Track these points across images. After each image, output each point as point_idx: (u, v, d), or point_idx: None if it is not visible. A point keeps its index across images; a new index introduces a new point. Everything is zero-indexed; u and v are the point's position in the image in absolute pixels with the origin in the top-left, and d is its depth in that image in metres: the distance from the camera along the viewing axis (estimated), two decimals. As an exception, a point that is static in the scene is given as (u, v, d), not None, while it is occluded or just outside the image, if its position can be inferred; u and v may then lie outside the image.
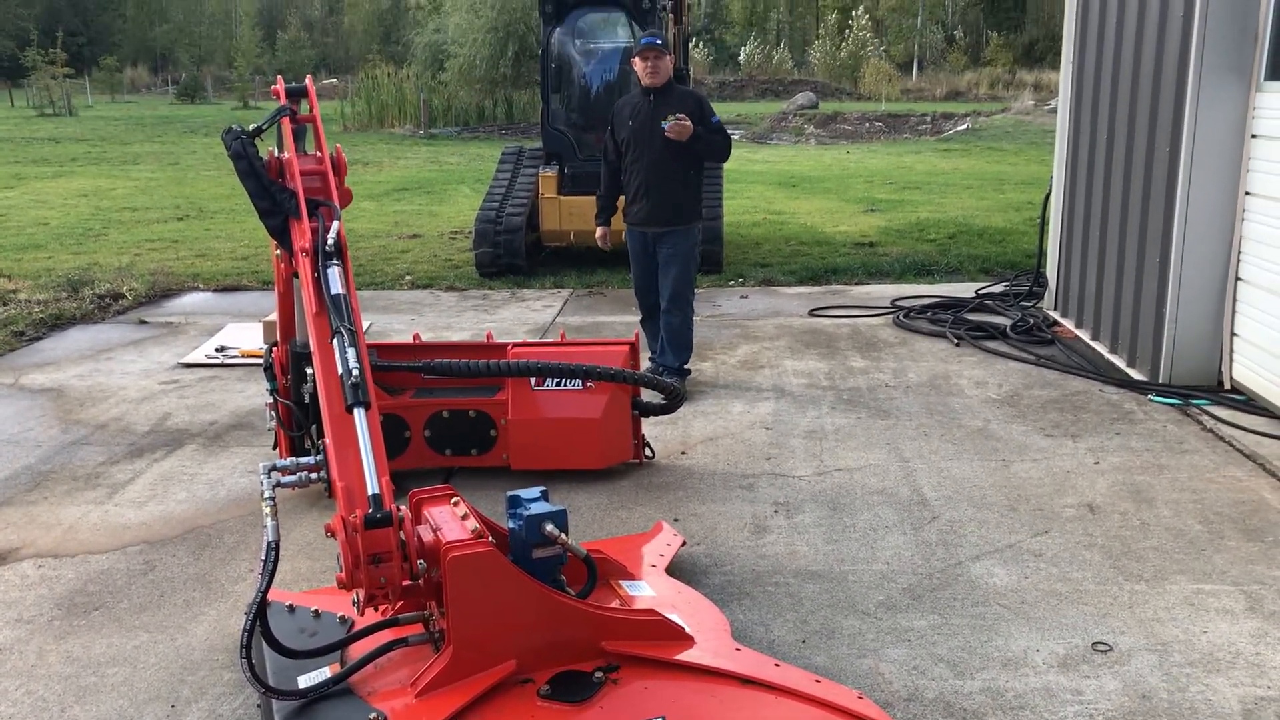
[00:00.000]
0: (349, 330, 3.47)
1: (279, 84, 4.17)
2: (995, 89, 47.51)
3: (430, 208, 15.43)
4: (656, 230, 6.47)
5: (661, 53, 6.28)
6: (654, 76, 6.30)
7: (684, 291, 6.53)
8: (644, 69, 6.30)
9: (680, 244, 6.46)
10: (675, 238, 6.45)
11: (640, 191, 6.45)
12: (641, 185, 6.44)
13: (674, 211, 6.42)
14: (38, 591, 4.17)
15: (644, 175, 6.40)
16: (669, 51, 6.39)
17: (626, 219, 6.61)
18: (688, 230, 6.49)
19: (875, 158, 23.04)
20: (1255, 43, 5.88)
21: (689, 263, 6.53)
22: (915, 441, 5.65)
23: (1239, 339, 6.18)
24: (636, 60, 6.36)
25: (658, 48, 6.27)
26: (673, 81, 6.46)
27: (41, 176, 19.57)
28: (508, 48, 32.15)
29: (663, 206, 6.40)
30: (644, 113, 6.35)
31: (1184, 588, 4.04)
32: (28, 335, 8.17)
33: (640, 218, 6.50)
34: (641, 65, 6.31)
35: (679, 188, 6.40)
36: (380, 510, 3.03)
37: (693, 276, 6.62)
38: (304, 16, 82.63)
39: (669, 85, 6.39)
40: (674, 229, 6.44)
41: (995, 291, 9.19)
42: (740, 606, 3.94)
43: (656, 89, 6.34)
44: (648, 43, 6.31)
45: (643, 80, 6.37)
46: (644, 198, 6.44)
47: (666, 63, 6.32)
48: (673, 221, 6.43)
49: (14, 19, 63.42)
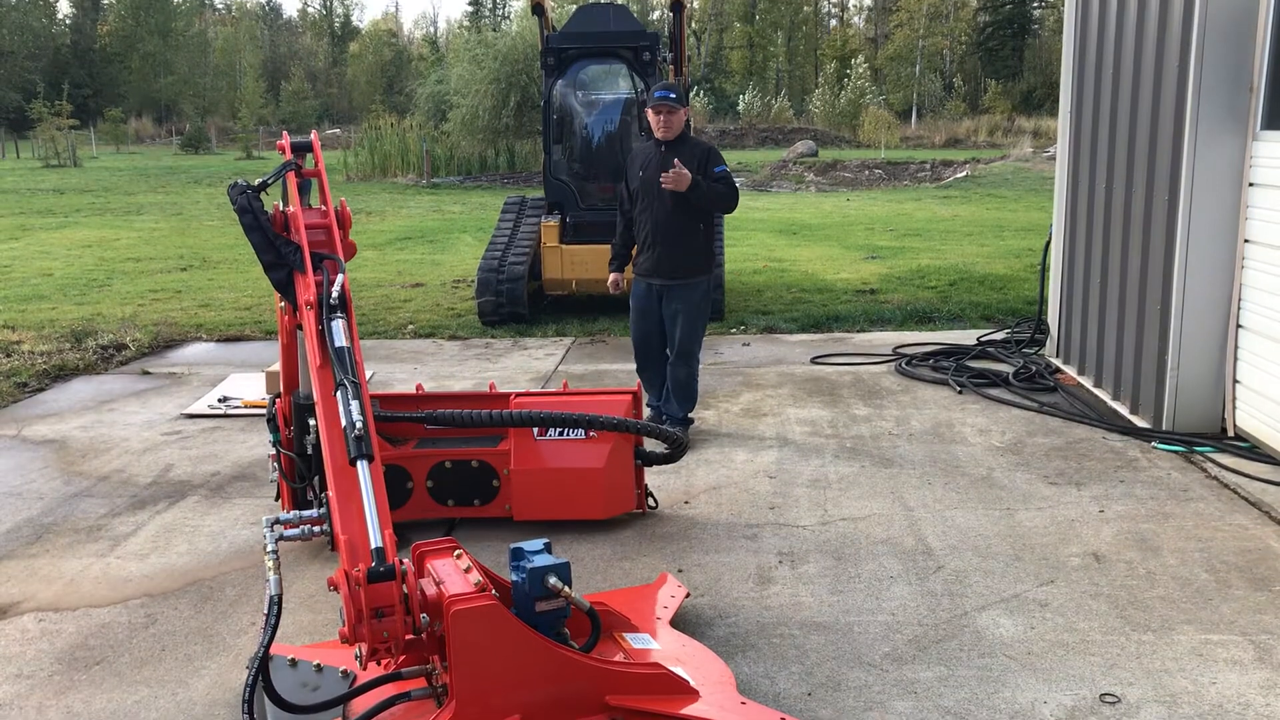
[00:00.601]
0: (353, 383, 3.48)
1: (284, 139, 4.21)
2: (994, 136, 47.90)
3: (433, 257, 15.50)
4: (663, 282, 6.47)
5: (675, 107, 6.27)
6: (667, 130, 6.31)
7: (690, 346, 6.52)
8: (657, 123, 6.32)
9: (688, 298, 6.46)
10: (683, 291, 6.45)
11: (648, 242, 6.47)
12: (649, 236, 6.45)
13: (680, 264, 6.41)
14: (38, 646, 4.15)
15: (652, 226, 6.42)
16: (684, 105, 6.38)
17: (635, 269, 6.62)
18: (696, 284, 6.47)
19: (875, 205, 23.17)
20: (1251, 93, 5.94)
21: (697, 317, 6.51)
22: (919, 490, 5.64)
23: (1241, 386, 6.18)
24: (650, 113, 6.37)
25: (671, 102, 6.25)
26: (686, 134, 6.47)
27: (46, 227, 19.69)
28: (510, 98, 32.46)
29: (669, 258, 6.40)
30: (654, 163, 6.35)
31: (1192, 638, 4.01)
32: (31, 386, 8.18)
33: (647, 268, 6.51)
34: (655, 119, 6.32)
35: (686, 240, 6.39)
36: (383, 564, 3.03)
37: (700, 331, 6.59)
38: (308, 68, 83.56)
39: (682, 137, 6.41)
40: (681, 282, 6.44)
41: (997, 339, 9.20)
42: (745, 659, 3.92)
43: (667, 141, 6.37)
44: (661, 96, 6.28)
45: (656, 133, 6.37)
46: (651, 248, 6.45)
47: (680, 116, 6.32)
48: (678, 275, 6.43)
49: (20, 71, 64.09)
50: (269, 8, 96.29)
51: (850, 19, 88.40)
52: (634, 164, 6.58)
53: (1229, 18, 5.90)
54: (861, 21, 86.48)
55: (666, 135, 6.33)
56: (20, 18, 68.58)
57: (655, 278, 6.48)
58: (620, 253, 6.84)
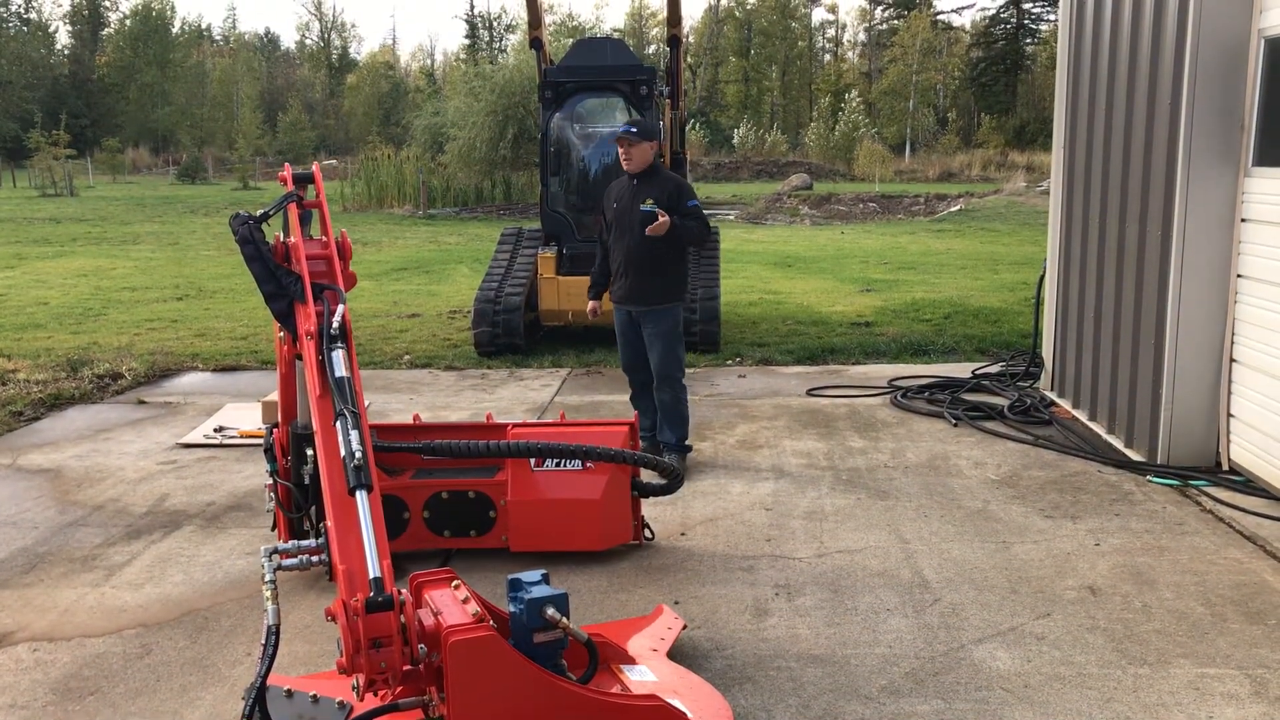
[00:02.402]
0: (352, 413, 3.49)
1: (286, 170, 4.24)
2: (987, 170, 48.25)
3: (429, 287, 15.53)
4: (637, 308, 6.63)
5: (635, 140, 6.46)
6: (629, 163, 6.53)
7: (669, 370, 6.63)
8: (622, 155, 6.54)
9: (661, 322, 6.59)
10: (656, 317, 6.59)
11: (620, 270, 6.65)
12: (621, 265, 6.63)
13: (651, 290, 6.56)
14: (32, 676, 4.13)
15: (624, 255, 6.60)
16: (647, 138, 6.53)
17: (611, 296, 6.79)
18: (668, 310, 6.62)
19: (870, 238, 23.27)
20: (1242, 130, 6.00)
21: (672, 341, 6.64)
22: (915, 523, 5.65)
23: (1236, 420, 6.21)
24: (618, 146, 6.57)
25: (631, 135, 6.46)
26: (656, 165, 6.63)
27: (42, 256, 19.71)
28: (507, 130, 32.68)
29: (640, 286, 6.57)
30: (626, 196, 6.59)
31: (1188, 671, 4.01)
32: (26, 415, 8.17)
33: (620, 296, 6.69)
34: (620, 152, 6.55)
35: (656, 267, 6.54)
36: (382, 594, 3.03)
37: (678, 354, 6.71)
38: (305, 99, 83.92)
39: (652, 170, 6.58)
40: (653, 308, 6.59)
41: (992, 372, 9.23)
42: (742, 691, 3.91)
43: (638, 174, 6.53)
44: (623, 130, 6.52)
45: (623, 165, 6.58)
46: (623, 276, 6.64)
47: (642, 149, 6.49)
48: (651, 300, 6.58)
49: (18, 101, 64.35)
50: (267, 39, 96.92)
51: (844, 54, 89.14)
52: (609, 196, 6.80)
53: (1220, 56, 5.97)
54: (855, 56, 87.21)
55: (630, 168, 6.54)
56: (19, 48, 68.99)
57: (629, 304, 6.66)
58: (597, 280, 7.05)
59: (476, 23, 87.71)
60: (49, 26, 77.19)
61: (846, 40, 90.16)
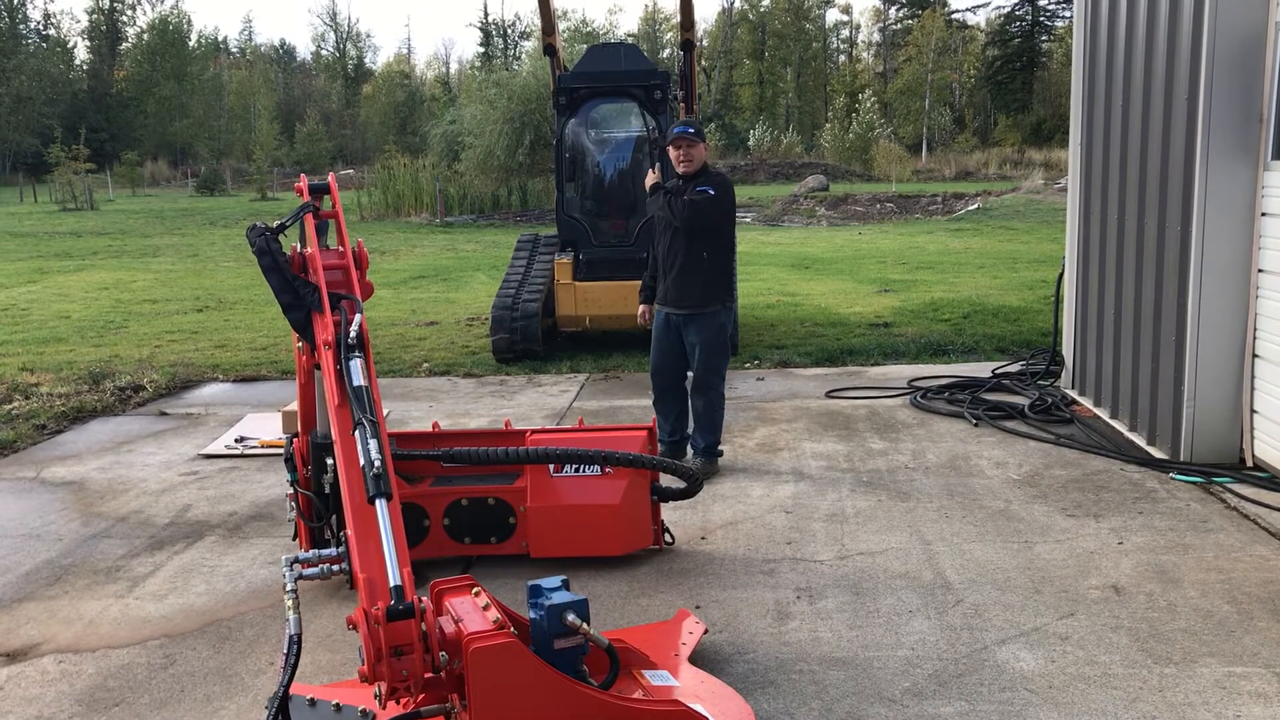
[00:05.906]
0: (371, 422, 3.50)
1: (302, 181, 4.26)
2: (1004, 168, 48.08)
3: (447, 295, 15.58)
4: (678, 312, 6.56)
5: (694, 141, 6.43)
6: (688, 164, 6.45)
7: (708, 378, 6.57)
8: (677, 157, 6.46)
9: (705, 330, 6.52)
10: (700, 322, 6.52)
11: (662, 271, 6.63)
12: (662, 265, 6.62)
13: (690, 290, 6.50)
14: (58, 688, 4.16)
15: (662, 255, 6.58)
16: (702, 139, 6.53)
17: (656, 299, 6.75)
18: (712, 315, 6.53)
19: (887, 238, 23.21)
20: (1260, 124, 5.95)
21: (715, 350, 6.56)
22: (937, 524, 5.62)
23: (1259, 416, 6.16)
24: (671, 149, 6.50)
25: (689, 136, 6.42)
26: (705, 166, 6.57)
27: (63, 270, 19.86)
28: (524, 136, 32.78)
29: (680, 287, 6.51)
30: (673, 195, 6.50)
31: (1214, 670, 3.98)
32: (49, 428, 8.23)
33: (661, 296, 6.67)
34: (675, 154, 6.47)
35: (690, 268, 6.47)
36: (402, 602, 3.03)
37: (719, 363, 6.63)
38: (321, 109, 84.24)
39: (701, 170, 6.52)
40: (695, 312, 6.51)
41: (1012, 371, 9.19)
42: (764, 695, 3.90)
43: (688, 175, 6.48)
44: (680, 131, 6.45)
45: (677, 168, 6.50)
46: (664, 277, 6.61)
47: (699, 150, 6.47)
48: (690, 302, 6.51)
49: (38, 117, 64.86)
50: (283, 50, 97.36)
51: (859, 54, 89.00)
52: (654, 203, 6.74)
53: (1237, 50, 5.93)
54: (870, 56, 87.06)
55: (688, 169, 6.44)
56: (39, 64, 69.48)
57: (668, 306, 6.61)
58: (648, 283, 6.98)
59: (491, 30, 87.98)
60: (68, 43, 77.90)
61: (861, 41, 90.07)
